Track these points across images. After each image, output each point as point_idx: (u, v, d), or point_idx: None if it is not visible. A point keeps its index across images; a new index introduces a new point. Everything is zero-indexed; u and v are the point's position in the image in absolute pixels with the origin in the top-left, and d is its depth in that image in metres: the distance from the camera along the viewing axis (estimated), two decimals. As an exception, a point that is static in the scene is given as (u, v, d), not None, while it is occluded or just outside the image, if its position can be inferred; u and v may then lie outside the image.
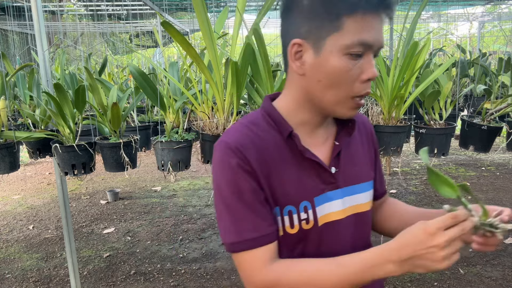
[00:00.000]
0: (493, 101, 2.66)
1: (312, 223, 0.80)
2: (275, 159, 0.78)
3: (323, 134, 0.84)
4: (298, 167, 0.79)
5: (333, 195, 0.82)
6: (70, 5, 6.05)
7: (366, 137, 0.92)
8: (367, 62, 0.72)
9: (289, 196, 0.78)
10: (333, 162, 0.83)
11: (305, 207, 0.79)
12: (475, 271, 2.74)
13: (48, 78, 2.05)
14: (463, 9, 6.33)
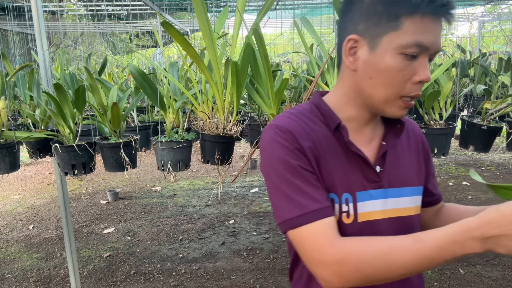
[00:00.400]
0: (493, 101, 2.67)
1: (352, 218, 0.79)
2: (322, 147, 0.79)
3: (370, 133, 0.84)
4: (344, 160, 0.80)
5: (376, 194, 0.81)
6: (70, 5, 6.05)
7: (415, 142, 0.90)
8: (421, 64, 0.72)
9: (333, 185, 0.78)
10: (378, 161, 0.82)
11: (346, 199, 0.79)
12: (475, 271, 2.74)
13: (48, 78, 2.05)
14: (463, 9, 6.33)
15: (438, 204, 0.96)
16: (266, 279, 2.77)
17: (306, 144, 0.77)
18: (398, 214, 0.83)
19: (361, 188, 0.80)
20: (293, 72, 2.81)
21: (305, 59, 4.34)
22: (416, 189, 0.87)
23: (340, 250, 0.69)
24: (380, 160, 0.83)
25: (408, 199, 0.85)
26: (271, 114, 1.96)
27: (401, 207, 0.84)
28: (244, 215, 3.91)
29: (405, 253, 0.66)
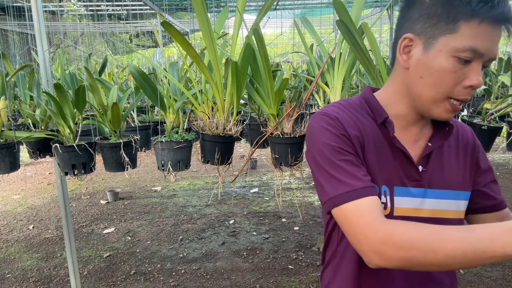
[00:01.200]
0: (493, 101, 2.67)
1: (388, 210, 0.81)
2: (368, 138, 0.81)
3: (417, 133, 0.85)
4: (387, 154, 0.82)
5: (416, 192, 0.82)
6: (70, 5, 6.05)
7: (465, 147, 0.90)
8: (474, 69, 0.72)
9: (374, 176, 0.81)
10: (422, 161, 0.83)
11: (384, 191, 0.81)
12: (475, 271, 2.74)
13: (48, 78, 2.05)
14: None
15: (502, 210, 0.90)
16: (266, 279, 2.77)
17: (352, 132, 0.80)
18: (434, 215, 0.84)
19: (400, 183, 0.82)
20: (293, 72, 2.81)
21: (305, 59, 4.34)
22: (459, 194, 0.86)
23: (383, 228, 0.68)
24: (424, 160, 0.84)
25: (449, 202, 0.85)
26: (271, 114, 1.96)
27: (439, 209, 0.84)
28: (244, 215, 3.91)
29: (453, 237, 0.63)
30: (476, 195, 0.90)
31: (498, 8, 0.68)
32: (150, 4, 4.01)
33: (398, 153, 0.82)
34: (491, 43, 0.70)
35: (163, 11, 4.47)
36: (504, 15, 0.68)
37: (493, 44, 0.70)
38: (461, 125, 0.92)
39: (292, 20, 5.92)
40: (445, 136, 0.84)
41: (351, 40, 1.77)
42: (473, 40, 0.70)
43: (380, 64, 2.02)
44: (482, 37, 0.69)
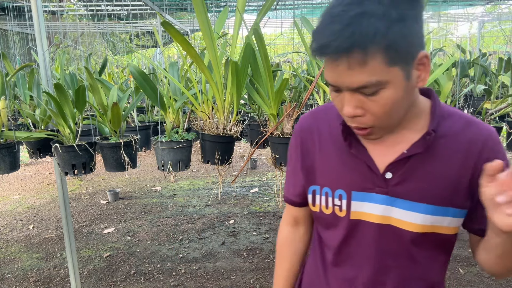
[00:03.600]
0: (493, 101, 2.67)
1: (344, 213, 0.85)
2: (327, 145, 0.87)
3: (393, 138, 0.81)
4: (345, 158, 0.84)
5: (379, 198, 0.81)
6: (70, 5, 6.05)
7: (465, 159, 0.78)
8: (343, 99, 0.72)
9: (328, 180, 0.87)
10: (391, 167, 0.80)
11: (340, 195, 0.85)
12: (475, 271, 2.74)
13: (48, 78, 2.05)
14: (463, 9, 6.33)
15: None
16: (266, 279, 2.77)
17: (306, 143, 0.91)
18: (396, 224, 0.81)
19: (359, 188, 0.83)
20: (293, 72, 2.81)
21: (305, 59, 4.34)
22: (436, 209, 0.78)
23: (280, 236, 1.04)
24: (395, 167, 0.79)
25: (418, 216, 0.79)
26: (271, 114, 1.96)
27: (404, 220, 0.80)
28: (244, 215, 3.91)
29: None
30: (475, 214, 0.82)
31: (315, 45, 0.67)
32: (150, 4, 4.01)
33: (358, 158, 0.82)
34: (336, 74, 0.68)
35: (163, 11, 4.47)
36: (320, 50, 0.66)
37: (339, 75, 0.68)
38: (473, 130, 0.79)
39: (292, 20, 5.92)
40: (424, 145, 0.77)
41: (351, 40, 1.77)
42: (326, 74, 0.71)
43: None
44: (328, 70, 0.70)
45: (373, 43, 0.63)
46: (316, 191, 0.89)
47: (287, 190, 0.98)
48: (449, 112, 0.82)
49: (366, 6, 0.63)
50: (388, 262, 0.84)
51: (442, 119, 0.80)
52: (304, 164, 0.91)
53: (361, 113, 0.72)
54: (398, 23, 0.64)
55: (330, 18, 0.65)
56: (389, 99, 0.69)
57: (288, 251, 1.03)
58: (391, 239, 0.83)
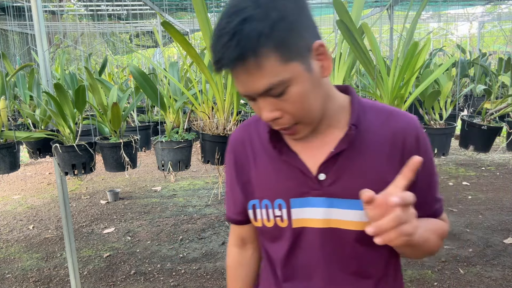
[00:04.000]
0: (493, 101, 2.67)
1: (286, 222, 0.83)
2: (260, 156, 0.86)
3: (319, 139, 0.81)
4: (279, 166, 0.83)
5: (315, 202, 0.80)
6: (70, 5, 6.05)
7: (391, 150, 0.79)
8: (259, 105, 0.73)
9: (266, 191, 0.84)
10: (323, 168, 0.79)
11: (279, 205, 0.83)
12: (475, 271, 2.74)
13: (48, 78, 2.05)
14: (463, 9, 6.33)
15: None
16: (266, 279, 2.77)
17: (240, 156, 0.89)
18: (339, 225, 0.80)
19: (297, 194, 0.81)
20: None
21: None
22: None
23: (228, 256, 1.01)
24: (326, 167, 0.79)
25: (358, 213, 0.78)
26: (271, 114, 1.95)
27: (345, 220, 0.79)
28: (244, 215, 3.91)
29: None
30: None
31: (212, 60, 0.69)
32: (150, 4, 4.00)
33: (289, 164, 0.81)
34: (241, 84, 0.70)
35: (163, 11, 4.47)
36: (217, 65, 0.68)
37: (244, 84, 0.70)
38: (396, 120, 0.81)
39: (292, 20, 5.90)
40: (347, 140, 0.78)
41: (351, 40, 1.77)
42: (236, 86, 0.73)
43: (380, 64, 2.02)
44: (235, 82, 0.71)
45: (261, 46, 0.64)
46: (256, 205, 0.86)
47: (228, 209, 0.95)
48: (370, 105, 0.83)
49: (246, 12, 0.64)
50: (337, 271, 0.83)
51: (364, 113, 0.81)
52: (240, 180, 0.88)
53: (279, 115, 0.72)
54: (281, 21, 0.65)
55: (218, 32, 0.66)
56: (298, 94, 0.70)
57: (239, 274, 0.99)
58: (337, 242, 0.81)
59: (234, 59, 0.65)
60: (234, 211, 0.93)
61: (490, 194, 4.21)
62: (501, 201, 3.99)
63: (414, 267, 2.80)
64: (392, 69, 2.02)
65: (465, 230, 3.35)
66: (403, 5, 4.50)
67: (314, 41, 0.71)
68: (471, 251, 3.00)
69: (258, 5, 0.65)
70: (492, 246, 3.06)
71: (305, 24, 0.70)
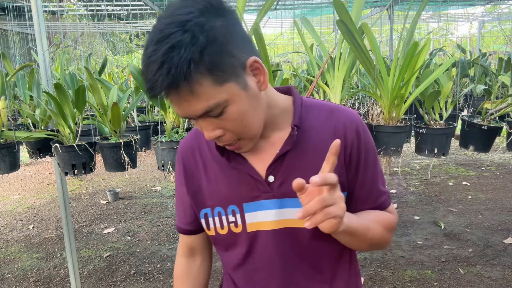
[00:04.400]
0: (493, 101, 2.67)
1: (240, 228, 0.83)
2: (210, 163, 0.85)
3: (266, 141, 0.82)
4: (229, 172, 0.83)
5: (267, 204, 0.81)
6: (70, 5, 6.05)
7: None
8: (200, 125, 0.73)
9: (218, 198, 0.84)
10: (271, 170, 0.80)
11: (233, 211, 0.83)
12: (475, 271, 2.74)
13: (48, 78, 2.05)
14: (463, 9, 6.33)
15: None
16: (266, 279, 2.76)
17: (189, 165, 0.88)
18: (291, 225, 0.81)
19: (249, 199, 0.81)
20: (293, 72, 2.81)
21: (305, 59, 4.34)
22: None
23: (176, 266, 0.99)
24: (274, 169, 0.80)
25: None
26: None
27: (294, 219, 0.81)
28: (244, 215, 3.91)
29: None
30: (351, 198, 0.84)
31: (145, 88, 0.68)
32: (150, 4, 4.01)
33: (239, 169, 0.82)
34: (178, 108, 0.69)
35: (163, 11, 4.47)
36: (151, 92, 0.67)
37: (180, 108, 0.69)
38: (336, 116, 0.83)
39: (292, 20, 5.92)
40: (291, 141, 0.79)
41: (351, 40, 1.77)
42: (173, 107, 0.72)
43: (380, 64, 2.02)
44: (172, 105, 0.70)
45: (193, 72, 0.63)
46: (208, 214, 0.86)
47: (178, 219, 0.94)
48: (313, 104, 0.84)
49: (173, 39, 0.62)
50: (294, 270, 0.84)
51: (307, 112, 0.82)
52: (190, 189, 0.88)
53: (221, 133, 0.72)
54: (210, 45, 0.64)
55: (147, 59, 0.65)
56: (237, 113, 0.70)
57: (186, 284, 0.98)
58: (291, 242, 0.82)
59: (166, 88, 0.64)
60: (184, 221, 0.92)
61: (490, 194, 4.21)
62: (501, 201, 3.99)
63: (414, 267, 2.80)
64: (392, 69, 2.02)
65: (465, 230, 3.35)
66: (403, 5, 4.50)
67: (248, 58, 0.70)
68: (471, 251, 3.00)
69: (185, 30, 0.63)
70: (492, 246, 3.06)
71: (236, 43, 0.68)
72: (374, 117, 2.15)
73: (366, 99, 2.59)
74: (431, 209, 3.82)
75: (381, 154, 2.11)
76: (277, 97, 0.82)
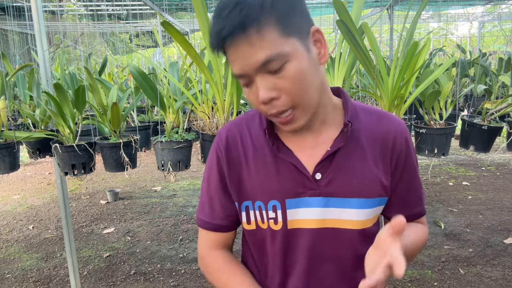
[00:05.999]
0: (493, 101, 2.67)
1: (280, 224, 0.81)
2: (253, 155, 0.83)
3: (314, 137, 0.81)
4: (273, 166, 0.81)
5: (312, 202, 0.79)
6: (70, 5, 6.05)
7: (382, 150, 0.82)
8: (256, 87, 0.71)
9: (259, 193, 0.82)
10: (320, 167, 0.79)
11: (273, 206, 0.81)
12: (475, 271, 2.74)
13: (48, 78, 2.05)
14: (463, 9, 6.33)
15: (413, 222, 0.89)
16: (266, 279, 2.76)
17: (231, 154, 0.84)
18: (336, 225, 0.80)
19: (293, 195, 0.80)
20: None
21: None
22: (368, 201, 0.80)
23: (207, 260, 0.89)
24: (323, 167, 0.79)
25: (353, 211, 0.80)
26: (271, 114, 1.95)
27: (342, 219, 0.80)
28: (244, 215, 3.91)
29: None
30: (391, 203, 0.85)
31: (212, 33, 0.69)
32: (150, 4, 4.00)
33: (286, 162, 0.80)
34: (240, 59, 0.68)
35: (163, 11, 4.46)
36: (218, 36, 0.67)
37: (242, 59, 0.68)
38: (387, 122, 0.83)
39: (292, 20, 5.90)
40: (344, 138, 0.79)
41: (351, 40, 1.77)
42: (232, 68, 0.71)
43: (380, 64, 2.02)
44: (232, 60, 0.70)
45: (262, 15, 0.65)
46: (249, 207, 0.83)
47: (211, 214, 0.87)
48: (361, 107, 0.85)
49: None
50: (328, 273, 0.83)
51: (356, 114, 0.83)
52: (233, 180, 0.84)
53: (276, 95, 0.70)
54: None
55: (222, 5, 0.67)
56: (296, 71, 0.69)
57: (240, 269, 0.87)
58: (332, 242, 0.81)
59: (236, 27, 0.65)
60: (220, 215, 0.86)
61: (490, 194, 4.21)
62: (501, 201, 3.98)
63: (414, 267, 2.80)
64: (392, 69, 2.02)
65: (465, 230, 3.34)
66: (403, 5, 4.50)
67: (311, 26, 0.72)
68: (471, 251, 3.00)
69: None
70: (492, 246, 3.06)
71: (303, 7, 0.71)
72: (374, 117, 2.15)
73: (366, 99, 2.59)
74: (431, 209, 3.82)
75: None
76: (330, 91, 0.83)
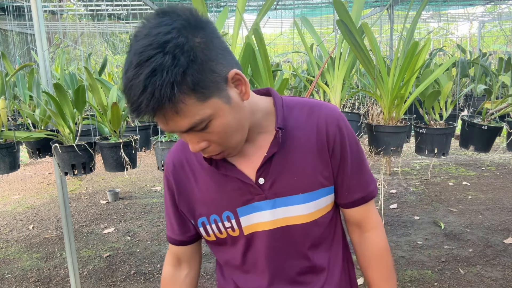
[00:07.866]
0: (493, 101, 2.67)
1: (238, 231, 0.86)
2: (200, 174, 0.87)
3: (252, 145, 0.84)
4: (219, 180, 0.85)
5: (261, 205, 0.84)
6: (70, 5, 6.04)
7: (318, 140, 0.84)
8: (185, 139, 0.75)
9: (212, 206, 0.86)
10: (260, 172, 0.83)
11: (227, 217, 0.86)
12: (475, 271, 2.74)
13: (48, 78, 2.05)
14: (463, 9, 6.33)
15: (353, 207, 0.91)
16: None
17: (178, 178, 0.89)
18: (288, 223, 0.84)
19: (242, 203, 0.84)
20: (293, 72, 2.81)
21: (305, 59, 4.34)
22: (312, 194, 0.84)
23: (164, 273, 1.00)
24: (263, 171, 0.83)
25: (299, 207, 0.84)
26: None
27: (292, 216, 0.84)
28: (244, 215, 3.91)
29: None
30: (336, 190, 0.89)
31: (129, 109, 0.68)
32: (150, 4, 4.00)
33: (230, 176, 0.84)
34: (163, 125, 0.70)
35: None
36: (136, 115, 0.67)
37: (166, 126, 0.70)
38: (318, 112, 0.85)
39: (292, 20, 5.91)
40: (276, 144, 0.82)
41: (351, 40, 1.77)
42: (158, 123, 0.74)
43: (380, 64, 2.02)
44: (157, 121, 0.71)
45: (176, 94, 0.64)
46: (205, 222, 0.88)
47: (171, 231, 0.95)
48: (293, 102, 0.87)
49: (154, 62, 0.62)
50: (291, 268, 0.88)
51: (288, 112, 0.84)
52: (184, 201, 0.90)
53: (206, 145, 0.74)
54: (191, 66, 0.64)
55: (128, 82, 0.65)
56: (221, 126, 0.71)
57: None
58: (287, 239, 0.86)
59: (152, 110, 0.65)
60: (179, 232, 0.94)
61: (490, 194, 4.21)
62: (501, 201, 3.98)
63: (414, 267, 2.80)
64: (392, 69, 2.02)
65: (465, 230, 3.34)
66: (403, 5, 4.50)
67: (229, 71, 0.71)
68: (471, 251, 2.99)
69: (165, 52, 0.62)
70: (492, 246, 3.06)
71: (216, 58, 0.68)
72: (374, 117, 2.15)
73: (366, 99, 2.59)
74: (431, 209, 3.82)
75: (381, 154, 2.10)
76: (259, 102, 0.84)
